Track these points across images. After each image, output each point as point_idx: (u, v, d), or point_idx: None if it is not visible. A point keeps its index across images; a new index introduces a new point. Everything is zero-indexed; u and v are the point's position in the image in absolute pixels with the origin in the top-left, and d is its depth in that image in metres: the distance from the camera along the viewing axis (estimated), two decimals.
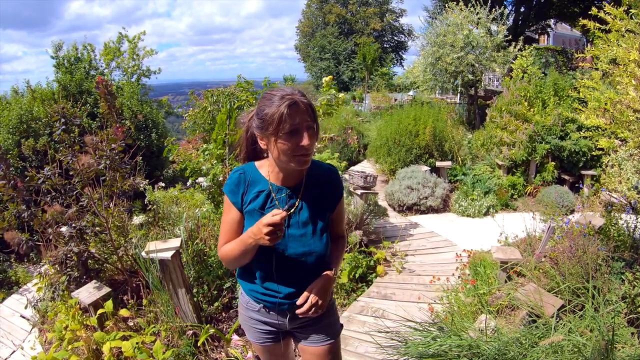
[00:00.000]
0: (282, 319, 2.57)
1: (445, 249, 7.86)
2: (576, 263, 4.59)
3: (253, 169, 2.49)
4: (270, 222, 2.08)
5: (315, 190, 2.46)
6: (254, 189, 2.42)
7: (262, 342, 2.71)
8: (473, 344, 2.81)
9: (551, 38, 37.73)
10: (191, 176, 6.04)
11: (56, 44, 16.85)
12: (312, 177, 2.47)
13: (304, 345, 2.70)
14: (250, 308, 2.63)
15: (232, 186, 2.45)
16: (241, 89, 6.95)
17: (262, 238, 2.13)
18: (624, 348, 3.36)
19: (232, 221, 2.47)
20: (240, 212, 2.44)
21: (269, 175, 2.44)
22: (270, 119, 2.19)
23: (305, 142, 2.17)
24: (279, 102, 2.18)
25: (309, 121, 2.21)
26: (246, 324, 2.72)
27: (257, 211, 2.37)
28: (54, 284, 5.69)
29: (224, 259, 2.47)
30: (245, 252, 2.31)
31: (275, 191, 2.41)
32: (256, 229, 2.17)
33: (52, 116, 5.81)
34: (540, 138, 10.71)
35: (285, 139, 2.18)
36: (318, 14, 53.64)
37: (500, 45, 15.78)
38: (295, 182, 2.43)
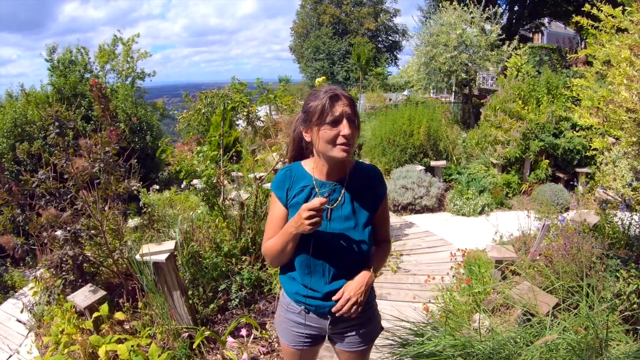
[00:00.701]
0: (322, 322, 2.60)
1: (440, 248, 7.85)
2: (571, 261, 4.61)
3: (299, 166, 2.60)
4: (311, 206, 2.17)
5: (358, 187, 2.52)
6: (298, 184, 2.52)
7: (297, 345, 2.72)
8: (467, 343, 2.82)
9: (545, 36, 37.84)
10: (185, 178, 6.03)
11: (50, 47, 16.83)
12: (355, 174, 2.54)
13: (340, 348, 2.73)
14: (290, 310, 2.66)
15: (278, 182, 2.57)
16: (235, 90, 6.95)
17: (302, 224, 2.20)
18: (619, 345, 3.37)
19: (277, 216, 2.55)
20: (285, 208, 2.54)
21: (313, 171, 2.52)
22: (314, 110, 2.34)
23: (346, 131, 2.26)
24: (322, 95, 2.33)
25: (350, 113, 2.30)
26: (283, 326, 2.74)
27: (301, 204, 2.39)
28: (50, 287, 5.68)
29: (267, 253, 2.55)
30: (286, 242, 2.38)
31: (318, 186, 2.49)
32: (297, 216, 2.25)
33: (46, 119, 5.80)
34: (534, 136, 10.73)
35: (328, 128, 2.29)
36: (312, 15, 53.69)
37: (494, 44, 15.80)
38: (338, 178, 2.51)
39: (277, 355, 4.79)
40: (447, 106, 18.50)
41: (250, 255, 6.15)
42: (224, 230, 6.31)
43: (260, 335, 4.91)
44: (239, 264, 5.94)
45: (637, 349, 2.92)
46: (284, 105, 6.96)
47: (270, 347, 4.89)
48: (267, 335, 4.99)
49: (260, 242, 6.31)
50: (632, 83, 4.02)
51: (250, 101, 7.11)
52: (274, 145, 7.09)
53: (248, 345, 4.69)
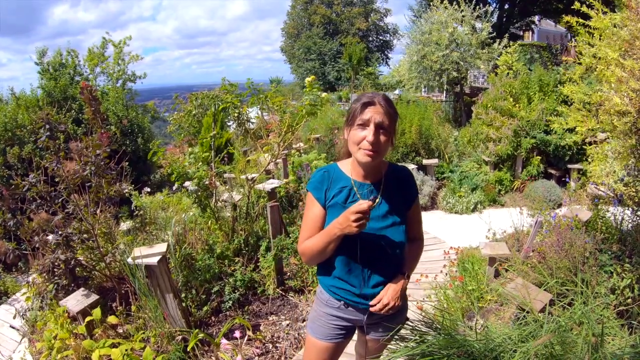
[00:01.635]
0: (360, 315, 2.69)
1: (433, 247, 7.85)
2: (564, 257, 4.61)
3: (336, 168, 2.68)
4: (358, 209, 2.23)
5: (394, 187, 2.62)
6: (337, 185, 2.60)
7: (332, 339, 2.79)
8: (463, 342, 2.81)
9: (536, 34, 37.96)
10: (177, 180, 6.02)
11: (40, 50, 16.75)
12: (391, 175, 2.64)
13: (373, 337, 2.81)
14: (330, 305, 2.73)
15: (316, 183, 2.64)
16: (225, 91, 6.93)
17: (349, 226, 2.27)
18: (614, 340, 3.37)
19: (315, 217, 2.61)
20: (323, 208, 2.60)
21: (350, 172, 2.60)
22: (349, 112, 2.49)
23: (370, 138, 2.34)
24: (360, 99, 2.45)
25: (380, 121, 2.37)
26: (321, 320, 2.80)
27: (340, 205, 2.53)
28: (42, 292, 5.65)
29: (306, 253, 2.60)
30: (329, 242, 2.44)
31: (357, 186, 2.57)
32: (342, 218, 2.31)
33: (37, 123, 5.77)
34: (525, 133, 10.74)
35: (356, 130, 2.40)
36: (303, 15, 53.69)
37: (484, 43, 15.84)
38: (375, 179, 2.60)
39: (271, 356, 4.78)
40: (439, 105, 18.50)
41: (243, 257, 6.14)
42: (217, 232, 6.30)
43: (254, 336, 4.89)
44: (232, 266, 5.93)
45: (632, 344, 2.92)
46: (275, 106, 6.94)
47: (265, 348, 4.88)
48: (261, 337, 4.98)
49: (253, 243, 6.31)
50: (621, 84, 4.03)
51: (241, 102, 7.10)
52: (266, 146, 7.07)
53: (242, 346, 4.66)
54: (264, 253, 6.22)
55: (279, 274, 6.04)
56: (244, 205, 6.78)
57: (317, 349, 2.84)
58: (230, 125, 13.49)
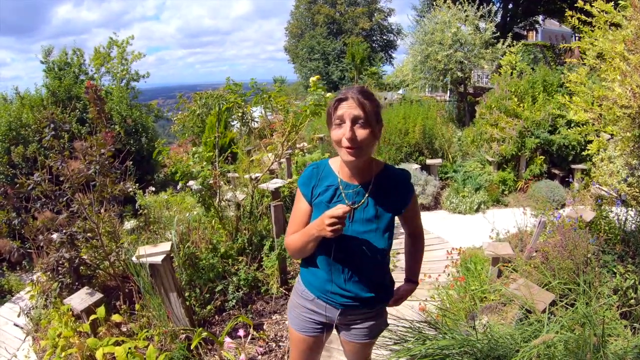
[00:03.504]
0: (333, 312, 2.65)
1: (436, 247, 7.85)
2: (567, 257, 4.60)
3: (326, 164, 2.62)
4: (334, 214, 2.17)
5: (383, 191, 2.51)
6: (324, 182, 2.54)
7: (306, 331, 2.77)
8: (465, 342, 2.81)
9: (539, 34, 37.86)
10: (181, 179, 6.03)
11: (46, 48, 16.76)
12: (382, 178, 2.53)
13: (345, 338, 2.79)
14: (304, 296, 2.72)
15: (305, 179, 2.59)
16: (229, 91, 6.94)
17: (324, 229, 2.22)
18: (617, 341, 3.37)
19: (301, 212, 2.59)
20: (309, 204, 2.57)
21: (339, 171, 2.54)
22: (327, 112, 2.41)
23: (346, 134, 2.25)
24: (333, 98, 2.39)
25: (355, 114, 2.27)
26: (296, 311, 2.80)
27: (324, 204, 2.48)
28: (46, 291, 5.66)
29: (289, 247, 2.61)
30: (308, 242, 2.41)
31: (343, 186, 2.50)
32: (319, 220, 2.27)
33: (41, 122, 5.79)
34: (529, 133, 10.73)
35: (334, 129, 2.33)
36: (306, 15, 53.64)
37: (488, 42, 15.80)
38: (363, 180, 2.50)
39: (274, 355, 4.79)
40: (442, 104, 18.49)
41: (246, 256, 6.15)
42: (220, 231, 6.31)
43: (257, 335, 4.90)
44: (236, 265, 5.94)
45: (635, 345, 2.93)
46: (279, 106, 6.95)
47: (268, 347, 4.88)
48: (265, 336, 4.99)
49: (256, 242, 6.32)
50: (626, 78, 4.03)
51: (244, 102, 7.10)
52: (269, 145, 7.08)
53: (245, 345, 4.68)
54: (267, 252, 6.23)
55: (283, 273, 6.05)
56: (248, 204, 6.79)
57: (295, 339, 2.86)
58: (234, 125, 13.51)
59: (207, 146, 9.18)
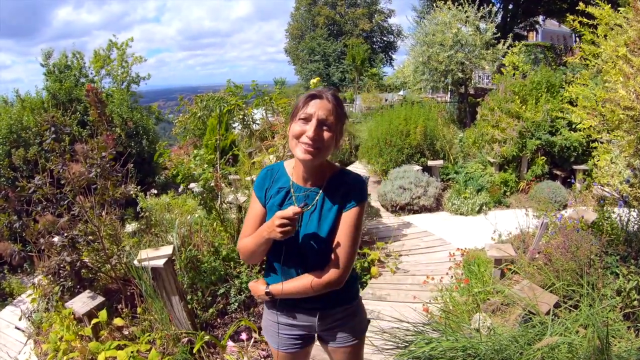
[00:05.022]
0: (311, 319, 2.59)
1: (439, 248, 7.85)
2: (570, 259, 4.59)
3: (281, 167, 2.58)
4: (283, 215, 2.14)
5: (335, 195, 2.44)
6: (276, 185, 2.50)
7: (287, 349, 2.69)
8: (468, 344, 2.80)
9: (540, 34, 37.85)
10: (182, 182, 6.02)
11: (46, 51, 16.72)
12: (334, 181, 2.47)
13: (332, 346, 2.71)
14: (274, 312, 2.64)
15: (259, 181, 2.56)
16: (230, 93, 6.93)
17: (274, 231, 2.18)
18: (620, 342, 3.36)
19: (255, 215, 2.53)
20: (263, 207, 2.51)
21: (292, 174, 2.50)
22: (295, 105, 2.36)
23: (309, 133, 2.22)
24: (306, 93, 2.35)
25: (324, 117, 2.25)
26: (271, 330, 2.70)
27: (276, 207, 2.44)
28: (48, 294, 5.65)
29: (241, 251, 2.53)
30: (259, 244, 2.36)
31: (294, 189, 2.46)
32: (270, 222, 2.24)
33: (42, 125, 5.79)
34: (530, 134, 10.72)
35: (297, 124, 2.28)
36: (307, 17, 53.61)
37: (489, 43, 15.77)
38: (315, 184, 2.46)
39: None
40: (444, 105, 18.49)
41: None
42: (222, 234, 6.30)
43: (260, 338, 4.89)
44: (238, 268, 5.92)
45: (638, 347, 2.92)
46: (280, 108, 6.94)
47: (270, 350, 4.88)
48: None
49: None
50: (629, 80, 4.02)
51: (245, 104, 7.09)
52: (271, 147, 7.07)
53: (248, 349, 4.67)
54: None
55: None
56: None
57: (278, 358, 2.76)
58: (235, 127, 13.50)
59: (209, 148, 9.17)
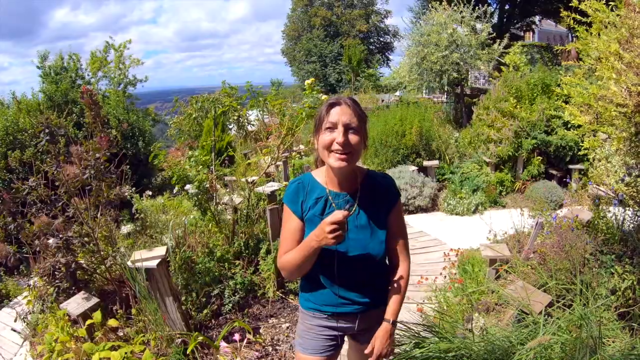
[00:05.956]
0: (350, 323, 2.64)
1: (434, 248, 7.85)
2: (564, 258, 4.60)
3: (310, 178, 2.59)
4: (334, 220, 2.13)
5: (371, 196, 2.51)
6: (312, 196, 2.51)
7: (323, 352, 2.71)
8: (461, 345, 2.80)
9: (536, 35, 37.94)
10: (177, 183, 6.01)
11: (42, 53, 16.72)
12: (367, 183, 2.53)
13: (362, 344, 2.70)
14: (317, 316, 2.66)
15: (292, 196, 2.54)
16: (225, 94, 6.94)
17: (325, 238, 2.17)
18: (615, 342, 3.36)
19: (293, 230, 2.52)
20: (301, 220, 2.52)
21: (325, 182, 2.51)
22: (317, 117, 2.42)
23: (339, 139, 2.26)
24: (325, 103, 2.40)
25: (348, 122, 2.30)
26: (310, 333, 2.73)
27: (317, 217, 2.45)
28: (43, 296, 5.65)
29: (286, 268, 2.50)
30: (308, 256, 2.34)
31: (332, 196, 2.48)
32: (319, 230, 2.22)
33: (37, 127, 5.78)
34: (525, 134, 10.73)
35: (324, 134, 2.32)
36: (303, 18, 53.64)
37: (484, 43, 15.78)
38: (351, 189, 2.50)
39: (271, 359, 4.78)
40: (439, 106, 18.49)
41: (243, 260, 6.14)
42: (217, 235, 6.30)
43: (254, 339, 4.89)
44: (232, 269, 5.92)
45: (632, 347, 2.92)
46: (275, 109, 6.94)
47: (265, 351, 4.88)
48: (261, 340, 4.99)
49: (253, 246, 6.30)
50: (621, 77, 4.02)
51: (240, 105, 7.10)
52: (265, 148, 7.07)
53: (242, 349, 4.66)
54: (264, 256, 6.21)
55: (279, 276, 6.02)
56: (245, 208, 6.78)
57: None
58: (231, 128, 13.51)
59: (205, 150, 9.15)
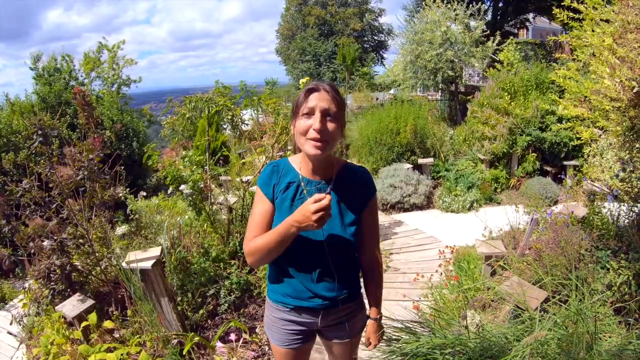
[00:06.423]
0: (314, 318, 2.59)
1: (430, 246, 7.86)
2: (560, 254, 4.60)
3: (286, 162, 2.56)
4: (319, 207, 2.07)
5: (345, 187, 2.47)
6: (285, 180, 2.48)
7: (289, 344, 2.71)
8: (457, 341, 2.80)
9: (530, 32, 37.95)
10: (172, 184, 5.99)
11: (35, 55, 16.62)
12: (343, 174, 2.50)
13: (329, 340, 2.74)
14: (280, 309, 2.63)
15: (265, 178, 2.51)
16: (219, 94, 6.92)
17: (309, 223, 2.11)
18: (611, 337, 3.36)
19: (264, 213, 2.48)
20: (272, 204, 2.48)
21: (300, 168, 2.48)
22: (295, 102, 2.35)
23: (316, 125, 2.21)
24: (304, 89, 2.34)
25: (326, 107, 2.25)
26: (274, 326, 2.71)
27: (288, 202, 2.42)
28: (38, 298, 5.64)
29: (254, 253, 2.40)
30: (283, 242, 2.28)
31: (305, 183, 2.45)
32: (301, 215, 2.15)
33: (30, 129, 5.76)
34: (520, 131, 10.74)
35: (302, 119, 2.27)
36: (297, 17, 53.59)
37: (478, 41, 15.79)
38: (325, 176, 2.46)
39: (267, 359, 4.77)
40: (434, 104, 18.50)
41: (238, 259, 6.12)
42: (212, 235, 6.29)
43: (250, 339, 4.88)
44: (228, 269, 5.91)
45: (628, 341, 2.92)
46: (269, 108, 6.93)
47: (261, 350, 4.86)
48: (258, 339, 4.97)
49: None
50: (615, 71, 4.02)
51: (234, 104, 7.08)
52: (260, 147, 7.05)
53: (238, 349, 4.66)
54: None
55: None
56: (240, 207, 6.77)
57: (279, 355, 2.79)
58: (225, 128, 13.48)
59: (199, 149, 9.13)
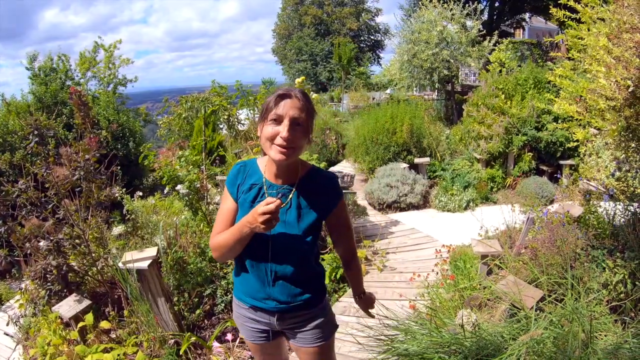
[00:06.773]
0: (270, 318, 2.59)
1: (426, 245, 7.86)
2: (556, 253, 4.61)
3: (254, 163, 2.56)
4: (266, 210, 2.09)
5: (309, 193, 2.46)
6: (249, 181, 2.48)
7: (254, 340, 2.74)
8: (453, 340, 2.81)
9: (526, 32, 38.02)
10: (168, 184, 5.99)
11: (31, 55, 16.60)
12: (307, 179, 2.48)
13: (294, 344, 2.74)
14: (241, 306, 2.66)
15: (232, 177, 2.53)
16: (215, 93, 6.92)
17: (257, 226, 2.14)
18: (607, 336, 3.37)
19: (228, 211, 2.51)
20: (235, 203, 2.49)
21: (264, 170, 2.47)
22: (263, 106, 2.34)
23: (283, 134, 2.19)
24: (275, 93, 2.29)
25: (296, 116, 2.23)
26: (239, 321, 2.76)
27: (248, 203, 2.42)
28: (35, 299, 5.63)
29: (216, 249, 2.45)
30: (239, 240, 2.30)
31: (267, 186, 2.45)
32: (251, 217, 2.17)
33: (26, 129, 5.75)
34: (516, 130, 10.75)
35: (269, 125, 2.24)
36: (294, 16, 53.63)
37: (475, 40, 15.81)
38: (288, 181, 2.45)
39: None
40: (430, 103, 18.50)
41: None
42: (209, 235, 6.28)
43: None
44: (224, 268, 5.90)
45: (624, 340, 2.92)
46: None
47: None
48: None
49: None
50: (610, 71, 4.03)
51: (231, 104, 7.09)
52: (256, 147, 7.06)
53: (234, 349, 4.66)
54: None
55: None
56: None
57: (251, 348, 2.88)
58: (222, 128, 13.48)
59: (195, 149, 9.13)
